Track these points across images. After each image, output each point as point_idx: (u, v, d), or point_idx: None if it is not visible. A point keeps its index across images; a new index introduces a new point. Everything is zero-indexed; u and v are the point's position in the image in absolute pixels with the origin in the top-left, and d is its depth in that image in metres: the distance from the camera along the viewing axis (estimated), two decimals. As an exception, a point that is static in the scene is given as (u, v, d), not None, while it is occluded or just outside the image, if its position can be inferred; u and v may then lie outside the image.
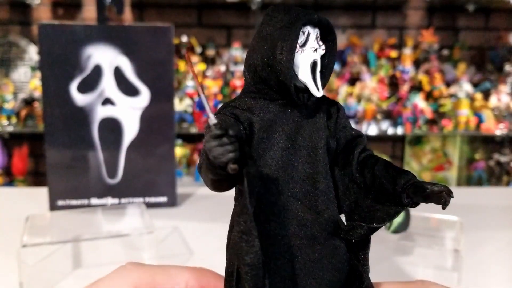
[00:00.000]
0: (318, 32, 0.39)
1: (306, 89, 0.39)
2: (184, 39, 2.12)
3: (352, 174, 0.41)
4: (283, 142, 0.39)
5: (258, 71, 0.40)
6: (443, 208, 0.36)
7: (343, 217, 0.42)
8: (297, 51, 0.39)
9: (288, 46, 0.38)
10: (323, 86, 0.40)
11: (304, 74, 0.39)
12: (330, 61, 0.40)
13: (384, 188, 0.39)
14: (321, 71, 0.40)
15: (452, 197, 0.36)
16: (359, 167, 0.40)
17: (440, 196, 0.36)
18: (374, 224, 0.38)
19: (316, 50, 0.39)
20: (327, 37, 0.40)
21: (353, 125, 1.80)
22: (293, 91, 0.38)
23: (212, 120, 0.33)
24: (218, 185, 0.36)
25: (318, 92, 0.38)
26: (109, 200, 0.94)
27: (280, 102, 0.40)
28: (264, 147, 0.39)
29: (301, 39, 0.39)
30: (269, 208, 0.39)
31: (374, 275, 0.40)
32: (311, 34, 0.39)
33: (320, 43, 0.39)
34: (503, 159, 2.30)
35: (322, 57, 0.40)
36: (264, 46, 0.40)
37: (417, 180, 0.38)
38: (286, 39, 0.38)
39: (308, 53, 0.39)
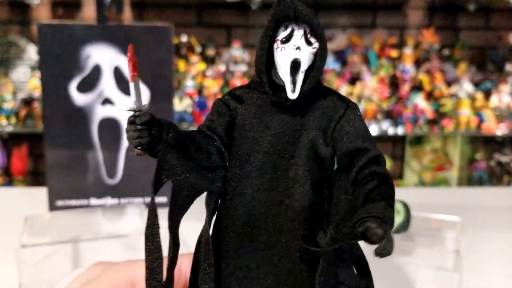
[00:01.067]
0: (308, 29, 0.37)
1: (284, 88, 0.37)
2: (184, 38, 2.11)
3: (349, 191, 0.36)
4: (264, 138, 0.38)
5: (256, 63, 0.40)
6: (376, 254, 0.30)
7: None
8: (276, 48, 0.37)
9: (261, 41, 0.38)
10: (311, 86, 0.37)
11: (283, 73, 0.37)
12: (319, 61, 0.37)
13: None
14: (308, 71, 0.37)
15: (387, 252, 0.30)
16: (354, 186, 0.35)
17: (376, 237, 0.30)
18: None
19: (299, 48, 0.37)
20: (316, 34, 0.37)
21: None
22: (267, 88, 0.38)
23: (132, 105, 0.36)
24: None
25: (292, 94, 0.37)
26: (109, 200, 0.94)
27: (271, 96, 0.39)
28: (245, 139, 0.39)
29: (283, 35, 0.37)
30: (231, 204, 0.38)
31: (375, 276, 0.39)
32: (295, 31, 0.37)
33: (313, 40, 0.37)
34: (504, 159, 2.29)
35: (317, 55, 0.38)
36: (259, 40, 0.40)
37: (378, 214, 0.31)
38: (262, 34, 0.38)
39: (289, 51, 0.37)
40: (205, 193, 0.38)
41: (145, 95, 0.94)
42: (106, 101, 0.92)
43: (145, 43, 0.92)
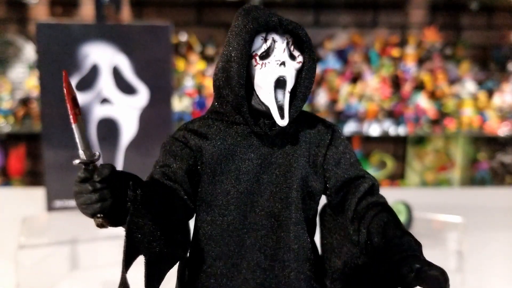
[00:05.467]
0: (291, 40, 0.31)
1: (268, 114, 0.31)
2: (183, 37, 2.11)
3: (347, 228, 0.32)
4: (244, 176, 0.32)
5: (220, 88, 0.33)
6: None
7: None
8: (255, 65, 0.31)
9: (237, 57, 0.30)
10: (296, 110, 0.31)
11: (265, 95, 0.30)
12: (306, 77, 0.31)
13: (378, 252, 0.31)
14: (294, 91, 0.31)
15: (448, 286, 0.29)
16: (355, 221, 0.31)
17: (437, 281, 0.29)
18: None
19: (283, 63, 0.30)
20: (303, 46, 0.31)
21: (354, 125, 1.75)
22: (247, 116, 0.31)
23: (81, 156, 0.27)
24: None
25: (281, 120, 0.30)
26: (107, 201, 0.93)
27: (243, 126, 0.32)
28: (219, 180, 0.33)
29: (262, 49, 0.31)
30: (222, 252, 0.34)
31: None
32: (277, 43, 0.31)
33: (296, 53, 0.31)
34: (506, 159, 2.28)
35: (300, 71, 0.32)
36: (222, 58, 0.33)
37: (414, 252, 0.30)
38: (236, 48, 0.30)
39: (271, 67, 0.30)
40: None
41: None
42: (105, 100, 0.91)
43: (144, 42, 0.91)
